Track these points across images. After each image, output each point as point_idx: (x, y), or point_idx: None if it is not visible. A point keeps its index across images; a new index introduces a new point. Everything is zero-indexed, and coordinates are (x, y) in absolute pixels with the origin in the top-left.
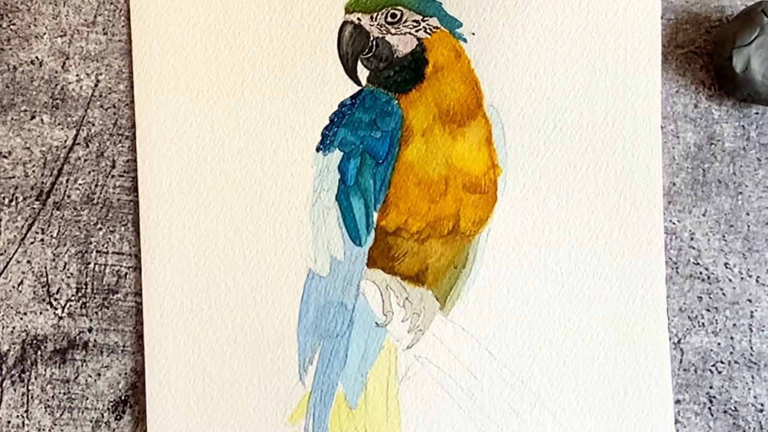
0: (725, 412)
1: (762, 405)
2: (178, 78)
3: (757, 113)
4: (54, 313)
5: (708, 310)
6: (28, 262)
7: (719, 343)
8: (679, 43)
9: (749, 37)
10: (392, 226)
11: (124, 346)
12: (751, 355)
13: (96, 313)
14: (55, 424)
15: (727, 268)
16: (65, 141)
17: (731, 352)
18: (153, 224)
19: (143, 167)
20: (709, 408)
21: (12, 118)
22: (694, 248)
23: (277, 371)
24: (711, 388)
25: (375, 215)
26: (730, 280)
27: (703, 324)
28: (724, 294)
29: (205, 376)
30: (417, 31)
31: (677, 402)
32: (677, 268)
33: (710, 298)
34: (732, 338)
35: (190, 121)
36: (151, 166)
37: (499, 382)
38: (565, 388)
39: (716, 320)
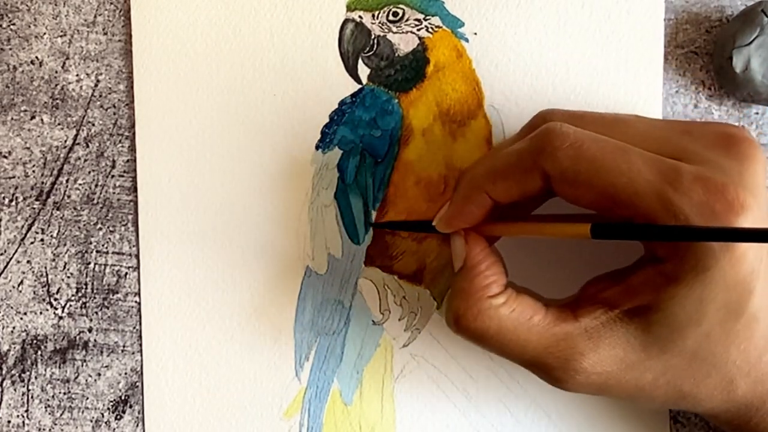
0: None
1: None
2: (178, 76)
3: (757, 113)
4: (54, 313)
5: None
6: (28, 262)
7: None
8: (679, 43)
9: (749, 37)
10: None
11: (124, 346)
12: None
13: (96, 313)
14: (55, 424)
15: None
16: (65, 141)
17: None
18: (152, 222)
19: (142, 165)
20: None
21: (12, 118)
22: None
23: (273, 367)
24: None
25: (373, 214)
26: None
27: None
28: None
29: (202, 372)
30: (418, 30)
31: None
32: None
33: None
34: None
35: (189, 119)
36: (150, 164)
37: (495, 382)
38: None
39: None
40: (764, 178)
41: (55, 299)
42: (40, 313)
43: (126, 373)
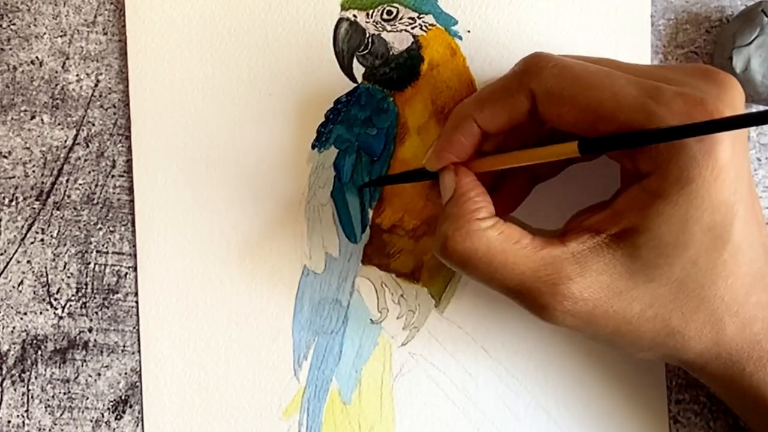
0: (725, 411)
1: None
2: (174, 76)
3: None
4: (54, 313)
5: None
6: (28, 262)
7: None
8: (679, 43)
9: (749, 37)
10: (387, 224)
11: (124, 346)
12: None
13: (96, 313)
14: (55, 424)
15: None
16: (65, 141)
17: None
18: (148, 222)
19: (138, 165)
20: (709, 408)
21: (12, 118)
22: None
23: (272, 367)
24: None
25: (370, 212)
26: None
27: None
28: None
29: (201, 372)
30: (412, 28)
31: (677, 402)
32: None
33: None
34: None
35: (185, 119)
36: (146, 164)
37: (494, 379)
38: (560, 386)
39: None
40: (741, 106)
41: (55, 299)
42: (40, 313)
43: (126, 373)
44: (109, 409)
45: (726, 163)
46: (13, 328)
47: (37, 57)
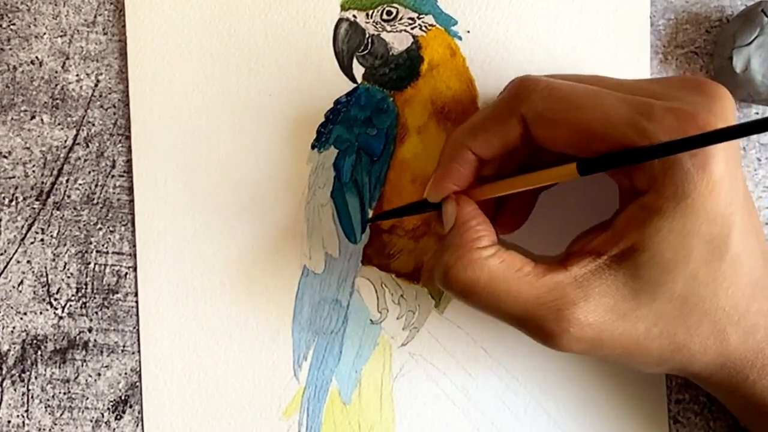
0: (725, 412)
1: None
2: (174, 76)
3: (757, 113)
4: (54, 313)
5: None
6: (28, 262)
7: None
8: (679, 43)
9: (749, 37)
10: (387, 224)
11: (124, 346)
12: None
13: (96, 313)
14: (55, 424)
15: None
16: (65, 141)
17: None
18: (148, 222)
19: (138, 165)
20: (709, 408)
21: (12, 118)
22: None
23: (271, 367)
24: None
25: (370, 213)
26: None
27: None
28: None
29: (201, 372)
30: (412, 28)
31: (677, 402)
32: None
33: None
34: None
35: (185, 120)
36: (146, 164)
37: (494, 379)
38: (560, 386)
39: None
40: (733, 116)
41: (55, 299)
42: (40, 313)
43: (126, 373)
44: (109, 409)
45: (720, 177)
46: (13, 328)
47: (37, 57)
